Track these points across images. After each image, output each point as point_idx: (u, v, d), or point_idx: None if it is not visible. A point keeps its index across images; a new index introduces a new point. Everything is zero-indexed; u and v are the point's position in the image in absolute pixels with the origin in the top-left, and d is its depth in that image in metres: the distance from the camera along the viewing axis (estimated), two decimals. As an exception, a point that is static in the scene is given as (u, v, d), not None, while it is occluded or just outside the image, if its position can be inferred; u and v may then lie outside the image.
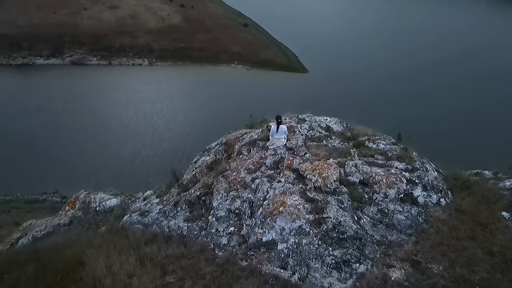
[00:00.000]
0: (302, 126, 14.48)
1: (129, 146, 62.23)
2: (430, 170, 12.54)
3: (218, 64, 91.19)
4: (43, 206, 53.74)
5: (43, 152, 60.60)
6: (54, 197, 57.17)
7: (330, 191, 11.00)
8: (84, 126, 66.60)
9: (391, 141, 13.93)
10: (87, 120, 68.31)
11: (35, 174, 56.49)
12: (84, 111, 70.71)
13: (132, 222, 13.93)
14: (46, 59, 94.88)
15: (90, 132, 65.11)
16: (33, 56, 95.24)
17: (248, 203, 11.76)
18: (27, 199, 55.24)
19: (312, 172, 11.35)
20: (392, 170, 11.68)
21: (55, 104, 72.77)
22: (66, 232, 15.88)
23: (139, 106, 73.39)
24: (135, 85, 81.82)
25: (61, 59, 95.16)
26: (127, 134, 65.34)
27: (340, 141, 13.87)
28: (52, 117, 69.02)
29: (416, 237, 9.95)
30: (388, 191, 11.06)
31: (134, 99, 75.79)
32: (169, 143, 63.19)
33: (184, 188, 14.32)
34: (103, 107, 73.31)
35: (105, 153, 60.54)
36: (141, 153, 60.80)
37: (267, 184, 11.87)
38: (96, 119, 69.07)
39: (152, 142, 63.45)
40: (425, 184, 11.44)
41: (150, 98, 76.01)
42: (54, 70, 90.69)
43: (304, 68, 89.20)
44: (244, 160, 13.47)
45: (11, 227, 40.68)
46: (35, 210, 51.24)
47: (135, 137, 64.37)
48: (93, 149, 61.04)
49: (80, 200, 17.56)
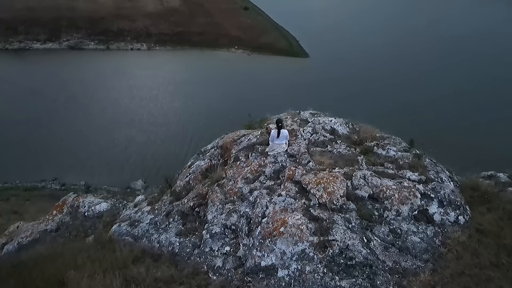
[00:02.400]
0: (304, 130, 13.29)
1: (124, 132, 61.38)
2: (446, 180, 11.39)
3: (218, 49, 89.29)
4: (42, 193, 53.10)
5: (39, 138, 59.90)
6: (53, 185, 56.55)
7: (336, 208, 9.89)
8: (80, 112, 65.60)
9: (402, 147, 12.75)
10: (83, 106, 67.27)
11: (32, 160, 55.94)
12: (80, 97, 69.59)
13: (121, 233, 12.90)
14: (43, 43, 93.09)
15: (85, 118, 64.20)
16: (29, 41, 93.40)
17: (245, 219, 10.68)
18: (26, 186, 54.64)
19: (316, 186, 10.22)
20: (404, 182, 10.55)
21: (51, 89, 71.57)
22: (52, 240, 14.89)
23: (135, 92, 72.05)
24: (132, 70, 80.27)
25: (58, 43, 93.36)
26: (122, 120, 64.37)
27: (346, 146, 12.69)
28: (48, 102, 67.97)
29: (433, 264, 8.87)
30: (401, 208, 9.95)
31: (130, 84, 74.42)
32: (165, 129, 62.25)
33: (177, 196, 13.24)
34: (99, 92, 72.04)
35: (100, 139, 59.85)
36: (136, 140, 60.03)
37: (266, 197, 10.76)
38: (92, 105, 68.00)
39: (147, 128, 62.47)
40: (441, 198, 10.32)
41: (146, 83, 74.59)
42: (51, 55, 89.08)
43: (305, 52, 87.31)
44: (241, 168, 12.34)
45: (9, 216, 40.09)
46: (34, 198, 50.66)
47: (130, 124, 63.44)
48: (88, 136, 60.39)
49: (68, 204, 16.53)
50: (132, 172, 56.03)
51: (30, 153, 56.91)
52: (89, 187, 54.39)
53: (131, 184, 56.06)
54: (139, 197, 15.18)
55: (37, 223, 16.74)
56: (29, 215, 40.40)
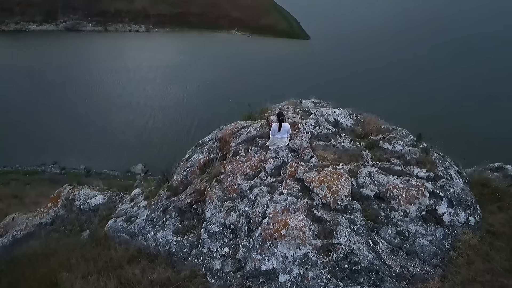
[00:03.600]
0: (307, 122, 12.70)
1: (122, 116, 60.84)
2: (455, 177, 10.89)
3: (217, 31, 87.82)
4: (42, 177, 52.88)
5: (36, 121, 59.53)
6: (53, 169, 56.29)
7: (340, 209, 9.41)
8: (77, 95, 65.10)
9: (409, 140, 12.19)
10: (79, 89, 66.66)
11: (31, 144, 55.65)
12: (77, 80, 68.85)
13: (116, 229, 12.48)
14: (39, 25, 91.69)
15: (82, 102, 63.70)
16: (26, 22, 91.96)
17: (245, 218, 10.21)
18: (26, 170, 54.40)
19: (320, 185, 9.71)
20: (412, 180, 10.03)
21: (47, 72, 70.73)
22: (46, 234, 14.51)
23: (132, 74, 71.13)
24: (129, 53, 79.22)
25: (55, 25, 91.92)
26: (119, 103, 63.79)
27: (350, 140, 12.14)
28: (44, 85, 67.27)
29: (443, 270, 8.42)
30: (408, 208, 9.46)
31: (127, 67, 73.42)
32: (163, 113, 61.68)
33: (174, 191, 12.75)
34: (96, 75, 71.20)
35: (98, 123, 59.55)
36: (134, 123, 59.57)
37: (267, 195, 10.27)
38: (89, 88, 67.35)
39: (145, 111, 61.92)
40: (451, 197, 9.82)
41: (143, 66, 73.56)
42: (48, 37, 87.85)
43: (306, 34, 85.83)
44: (241, 163, 11.81)
45: (10, 200, 39.83)
46: (34, 182, 50.39)
47: (128, 107, 62.87)
48: (85, 119, 60.07)
49: (63, 196, 16.07)
50: (131, 156, 55.72)
51: (28, 136, 56.58)
52: (89, 171, 54.17)
53: (131, 168, 55.77)
54: (136, 191, 14.72)
55: (32, 216, 16.34)
56: (29, 200, 40.17)
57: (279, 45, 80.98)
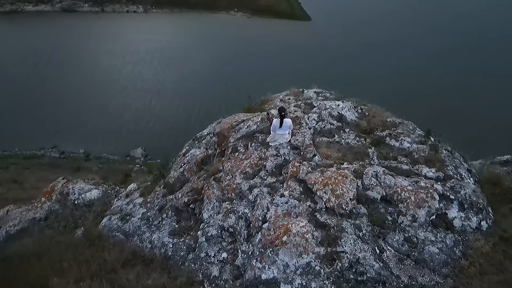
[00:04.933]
0: (309, 117, 12.07)
1: (118, 100, 60.12)
2: (465, 177, 10.33)
3: (217, 11, 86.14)
4: (41, 162, 52.51)
5: (32, 104, 58.91)
6: (52, 153, 55.88)
7: (345, 214, 8.88)
8: (73, 78, 64.19)
9: (416, 136, 11.58)
10: (75, 72, 65.72)
11: (29, 127, 55.21)
12: (73, 62, 67.91)
13: (111, 228, 12.05)
14: (35, 5, 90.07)
15: (79, 85, 62.87)
16: (21, 2, 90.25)
17: (244, 221, 9.72)
18: (25, 154, 54.04)
19: (323, 188, 9.16)
20: (421, 181, 9.48)
21: (43, 54, 69.65)
22: (40, 231, 14.06)
23: (129, 57, 69.98)
24: (126, 34, 77.82)
25: (51, 5, 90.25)
26: (115, 87, 62.94)
27: (355, 136, 11.53)
28: (40, 67, 66.37)
29: (453, 280, 7.93)
30: (417, 212, 8.93)
31: (123, 49, 72.21)
32: (159, 97, 60.91)
33: (170, 189, 12.25)
34: (91, 58, 70.14)
35: (95, 106, 58.79)
36: (131, 107, 58.90)
37: (267, 197, 9.74)
38: (86, 70, 66.40)
39: (141, 95, 61.15)
40: (462, 200, 9.29)
41: (140, 48, 72.32)
42: (43, 17, 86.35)
43: (307, 15, 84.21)
44: (240, 161, 11.26)
45: (9, 185, 39.48)
46: (34, 166, 50.05)
47: (124, 91, 62.05)
48: (82, 102, 59.41)
49: (57, 190, 15.57)
50: (131, 140, 55.27)
51: (27, 120, 56.09)
52: (88, 155, 53.81)
53: (131, 152, 55.34)
54: (132, 186, 14.20)
55: (25, 210, 15.87)
56: (29, 184, 39.84)
57: (279, 26, 79.47)
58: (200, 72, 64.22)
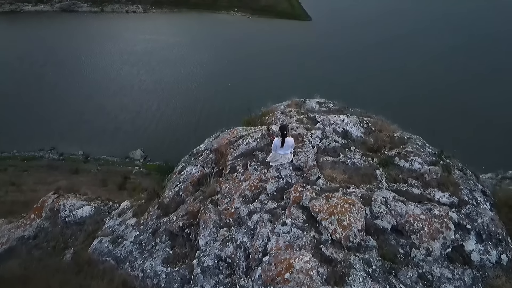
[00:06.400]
0: (312, 134, 11.31)
1: (115, 100, 59.63)
2: (481, 201, 9.57)
3: (217, 11, 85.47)
4: (40, 164, 51.89)
5: (30, 105, 58.46)
6: (51, 154, 55.23)
7: (353, 247, 8.13)
8: (70, 78, 63.75)
9: (427, 155, 10.81)
10: (74, 72, 65.32)
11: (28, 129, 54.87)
12: (71, 62, 67.40)
13: (101, 251, 11.33)
14: (34, 5, 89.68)
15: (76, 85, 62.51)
16: (20, 2, 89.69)
17: (243, 251, 8.98)
18: (23, 156, 53.48)
19: (329, 218, 8.41)
20: (435, 210, 8.72)
21: (40, 55, 69.26)
22: (28, 252, 13.34)
23: (126, 57, 69.41)
24: (124, 34, 77.21)
25: (50, 5, 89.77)
26: (112, 87, 62.43)
27: (361, 156, 10.76)
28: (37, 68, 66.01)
29: (473, 326, 7.20)
30: (432, 245, 8.18)
31: (121, 49, 71.63)
32: (158, 97, 60.32)
33: (165, 210, 11.52)
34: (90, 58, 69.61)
35: (92, 107, 58.48)
36: (128, 108, 58.47)
37: (268, 225, 8.99)
38: (84, 70, 65.94)
39: (138, 95, 60.59)
40: (479, 230, 8.53)
41: (137, 49, 71.70)
42: (43, 18, 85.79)
43: (307, 15, 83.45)
44: (239, 182, 10.52)
45: (7, 187, 38.81)
46: (32, 168, 49.44)
47: (121, 91, 61.57)
48: (79, 103, 59.12)
49: (47, 206, 14.84)
50: (129, 141, 54.82)
51: (25, 120, 55.62)
52: (87, 156, 53.21)
53: (130, 154, 54.75)
54: (125, 203, 13.46)
55: (14, 227, 15.15)
56: (27, 187, 39.20)
57: (279, 26, 78.69)
58: (199, 72, 63.66)
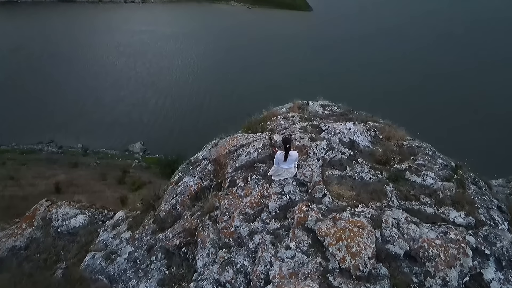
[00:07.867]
0: (317, 146, 10.62)
1: (111, 92, 58.99)
2: (499, 221, 8.93)
3: (216, 1, 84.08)
4: (39, 157, 51.49)
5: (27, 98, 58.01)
6: (50, 147, 54.82)
7: (363, 276, 7.50)
8: (69, 70, 62.95)
9: (440, 167, 10.15)
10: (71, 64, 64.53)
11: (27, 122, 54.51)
12: (68, 54, 66.64)
13: (94, 268, 10.74)
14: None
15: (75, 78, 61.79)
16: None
17: (243, 276, 8.36)
18: (22, 149, 53.06)
19: (337, 244, 7.77)
20: (451, 233, 8.07)
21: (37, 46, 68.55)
22: (19, 264, 12.74)
23: (123, 49, 68.63)
24: (121, 25, 76.26)
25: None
26: (109, 80, 61.80)
27: (369, 169, 10.09)
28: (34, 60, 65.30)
29: None
30: (448, 274, 7.55)
31: (118, 41, 70.73)
32: (152, 90, 59.74)
33: (161, 224, 10.89)
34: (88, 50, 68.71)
35: (91, 100, 58.09)
36: (124, 101, 57.95)
37: (270, 249, 8.36)
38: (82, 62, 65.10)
39: (135, 88, 60.01)
40: (499, 256, 7.91)
41: (134, 40, 70.84)
42: (40, 8, 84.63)
43: (308, 6, 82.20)
44: (239, 198, 9.87)
45: (6, 181, 38.32)
46: (31, 162, 49.01)
47: (117, 84, 61.00)
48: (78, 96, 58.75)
49: (39, 215, 14.22)
50: (128, 134, 54.44)
51: (23, 113, 55.21)
52: (86, 150, 52.80)
53: (129, 147, 54.36)
54: (120, 214, 12.84)
55: (5, 236, 14.53)
56: (25, 181, 38.76)
57: (279, 17, 77.43)
58: (197, 64, 62.97)
